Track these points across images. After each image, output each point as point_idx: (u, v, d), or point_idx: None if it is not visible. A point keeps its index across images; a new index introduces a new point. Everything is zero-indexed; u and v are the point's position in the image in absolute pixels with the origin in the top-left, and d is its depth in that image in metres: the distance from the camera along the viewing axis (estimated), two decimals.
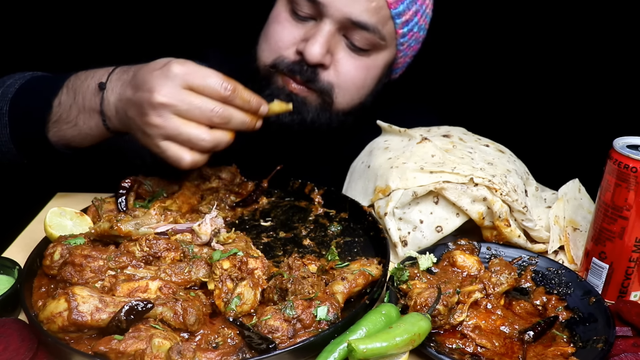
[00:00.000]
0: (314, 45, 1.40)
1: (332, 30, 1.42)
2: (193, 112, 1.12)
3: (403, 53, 1.59)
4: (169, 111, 1.12)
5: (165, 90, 1.11)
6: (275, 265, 1.14)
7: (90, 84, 1.29)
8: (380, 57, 1.52)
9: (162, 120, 1.12)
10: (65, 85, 1.34)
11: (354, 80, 1.50)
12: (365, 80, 1.53)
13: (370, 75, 1.53)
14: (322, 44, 1.40)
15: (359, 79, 1.50)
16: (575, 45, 2.49)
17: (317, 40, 1.40)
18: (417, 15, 1.52)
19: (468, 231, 1.32)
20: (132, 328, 0.92)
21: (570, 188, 1.42)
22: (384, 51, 1.51)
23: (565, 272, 1.18)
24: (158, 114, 1.12)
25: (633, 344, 1.02)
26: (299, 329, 0.97)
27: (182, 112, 1.12)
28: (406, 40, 1.54)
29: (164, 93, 1.11)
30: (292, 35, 1.46)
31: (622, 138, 1.15)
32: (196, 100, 1.13)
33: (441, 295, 1.02)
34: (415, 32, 1.56)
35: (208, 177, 1.46)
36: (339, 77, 1.48)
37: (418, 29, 1.56)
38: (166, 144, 1.15)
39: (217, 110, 1.14)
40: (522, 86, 2.61)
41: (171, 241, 1.13)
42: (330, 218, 1.43)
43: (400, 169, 1.34)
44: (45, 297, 1.06)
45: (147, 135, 1.16)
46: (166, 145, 1.15)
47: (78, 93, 1.31)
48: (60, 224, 1.22)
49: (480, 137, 1.50)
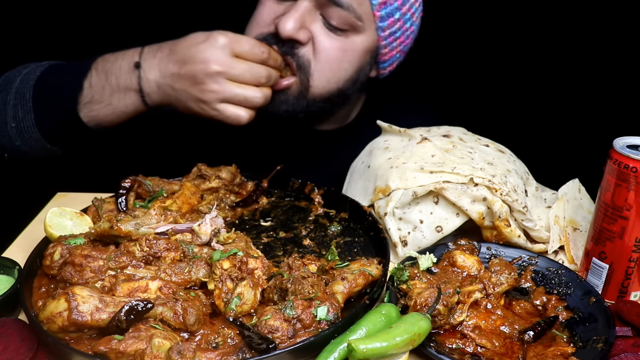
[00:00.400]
0: (288, 20, 1.44)
1: (308, 6, 1.45)
2: (244, 76, 1.34)
3: (387, 42, 1.58)
4: (223, 77, 1.32)
5: (218, 59, 1.31)
6: (275, 265, 1.14)
7: (122, 65, 1.40)
8: (359, 41, 1.52)
9: (218, 86, 1.32)
10: (94, 67, 1.42)
11: (330, 59, 1.50)
12: (341, 61, 1.52)
13: (348, 57, 1.53)
14: (296, 18, 1.44)
15: (335, 58, 1.51)
16: (575, 45, 2.49)
17: (291, 15, 1.44)
18: (398, 1, 1.52)
19: (468, 231, 1.32)
20: (132, 328, 0.92)
21: (570, 188, 1.42)
22: (362, 34, 1.51)
23: (565, 272, 1.18)
24: (215, 81, 1.32)
25: (633, 344, 1.02)
26: (299, 329, 0.97)
27: (235, 76, 1.33)
28: (386, 25, 1.54)
29: (218, 62, 1.31)
30: (272, 11, 1.51)
31: (622, 138, 1.15)
32: (245, 65, 1.34)
33: (441, 295, 1.02)
34: (397, 20, 1.55)
35: (208, 177, 1.46)
36: (315, 55, 1.49)
37: (402, 17, 1.55)
38: (224, 106, 1.35)
39: (262, 72, 1.37)
40: (522, 86, 2.61)
41: (171, 241, 1.13)
42: (330, 218, 1.43)
43: (400, 169, 1.34)
44: (45, 297, 1.06)
45: (203, 102, 1.35)
46: (224, 107, 1.35)
47: (110, 74, 1.40)
48: (60, 224, 1.22)
49: (480, 137, 1.50)
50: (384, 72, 1.71)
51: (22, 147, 1.48)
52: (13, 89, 1.46)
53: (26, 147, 1.48)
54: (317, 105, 1.56)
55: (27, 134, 1.45)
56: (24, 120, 1.44)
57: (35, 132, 1.45)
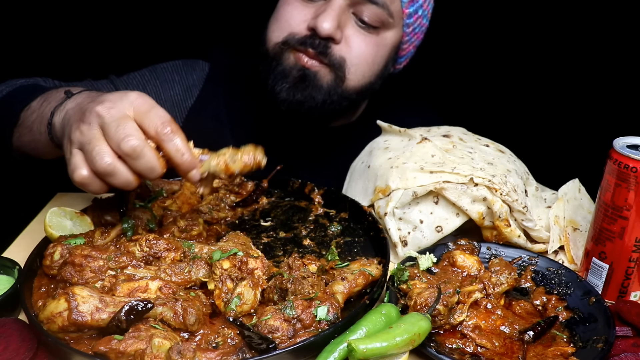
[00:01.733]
0: (326, 19, 1.44)
1: (342, 5, 1.46)
2: (109, 127, 0.99)
3: (408, 38, 1.62)
4: (97, 121, 1.01)
5: (109, 105, 1.02)
6: (275, 265, 1.14)
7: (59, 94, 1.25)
8: (389, 36, 1.55)
9: (87, 127, 1.02)
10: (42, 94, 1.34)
11: (365, 56, 1.52)
12: (375, 57, 1.55)
13: (380, 53, 1.56)
14: (334, 17, 1.44)
15: (369, 55, 1.53)
16: (575, 45, 2.49)
17: (329, 14, 1.44)
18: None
19: (468, 231, 1.32)
20: (132, 328, 0.92)
21: (570, 188, 1.42)
22: (391, 30, 1.55)
23: (565, 272, 1.18)
24: (88, 122, 1.02)
25: (633, 344, 1.02)
26: (299, 329, 0.97)
27: (105, 125, 1.00)
28: (412, 22, 1.58)
29: (107, 106, 1.01)
30: (302, 13, 1.50)
31: (622, 138, 1.15)
32: (127, 123, 1.00)
33: (441, 295, 1.02)
34: (419, 17, 1.59)
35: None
36: (350, 53, 1.50)
37: (422, 13, 1.60)
38: (76, 151, 1.03)
39: (133, 139, 0.98)
40: (522, 86, 2.62)
41: (171, 241, 1.13)
42: (330, 218, 1.43)
43: (400, 169, 1.34)
44: (45, 297, 1.06)
45: (69, 140, 1.05)
46: (75, 152, 1.03)
47: (46, 100, 1.30)
48: (60, 224, 1.22)
49: (480, 137, 1.50)
50: (399, 67, 1.74)
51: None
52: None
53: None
54: (350, 97, 1.58)
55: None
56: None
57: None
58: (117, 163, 1.00)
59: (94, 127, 1.01)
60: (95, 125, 1.01)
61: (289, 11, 1.52)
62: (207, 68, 1.77)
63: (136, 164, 1.00)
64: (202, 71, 1.77)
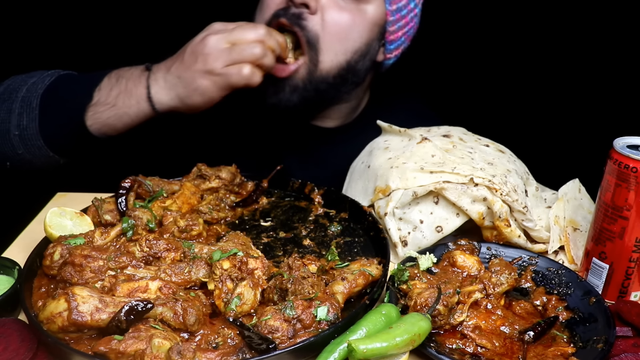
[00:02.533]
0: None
1: None
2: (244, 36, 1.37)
3: (394, 18, 1.60)
4: (224, 41, 1.35)
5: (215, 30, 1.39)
6: (275, 265, 1.14)
7: (134, 71, 1.45)
8: (369, 9, 1.54)
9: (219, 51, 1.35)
10: (107, 77, 1.46)
11: (339, 29, 1.52)
12: (350, 31, 1.53)
13: (357, 27, 1.54)
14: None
15: (344, 27, 1.52)
16: (575, 45, 2.49)
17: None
18: None
19: (468, 231, 1.32)
20: (132, 328, 0.92)
21: (570, 188, 1.42)
22: (371, 3, 1.54)
23: (565, 272, 1.18)
24: (215, 47, 1.34)
25: (633, 344, 1.02)
26: (299, 329, 0.97)
27: (235, 38, 1.36)
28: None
29: (215, 31, 1.37)
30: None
31: (622, 138, 1.15)
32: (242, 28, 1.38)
33: (441, 295, 1.02)
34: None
35: (208, 177, 1.46)
36: (324, 26, 1.50)
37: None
38: (230, 68, 1.36)
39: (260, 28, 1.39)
40: (522, 86, 2.61)
41: (171, 241, 1.13)
42: (330, 218, 1.43)
43: (400, 169, 1.34)
44: (45, 297, 1.06)
45: (209, 72, 1.35)
46: (231, 69, 1.36)
47: (121, 78, 1.44)
48: (60, 224, 1.22)
49: (480, 137, 1.50)
50: (390, 57, 1.71)
51: (25, 155, 1.50)
52: (19, 98, 1.48)
53: (29, 155, 1.50)
54: (327, 82, 1.57)
55: (31, 142, 1.47)
56: (27, 128, 1.46)
57: (39, 139, 1.46)
58: (262, 47, 1.37)
59: (224, 45, 1.35)
60: (223, 44, 1.35)
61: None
62: None
63: (270, 42, 1.39)
64: None
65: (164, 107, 1.44)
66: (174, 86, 1.40)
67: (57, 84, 1.50)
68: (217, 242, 1.21)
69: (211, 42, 1.35)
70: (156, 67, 1.44)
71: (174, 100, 1.42)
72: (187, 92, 1.40)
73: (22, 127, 1.45)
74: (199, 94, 1.39)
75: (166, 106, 1.43)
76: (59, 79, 1.52)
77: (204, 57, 1.35)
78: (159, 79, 1.42)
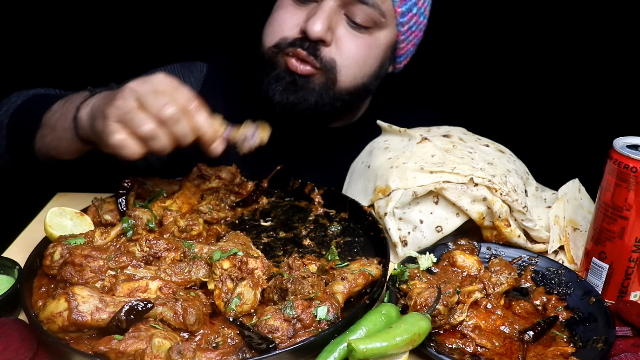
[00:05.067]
0: (317, 21, 1.43)
1: (333, 6, 1.46)
2: (147, 98, 1.10)
3: (405, 37, 1.61)
4: (133, 96, 1.11)
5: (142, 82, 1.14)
6: (275, 265, 1.14)
7: (84, 93, 1.33)
8: (382, 36, 1.54)
9: (123, 101, 1.11)
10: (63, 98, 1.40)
11: (356, 57, 1.52)
12: (367, 58, 1.54)
13: (372, 54, 1.55)
14: (324, 19, 1.44)
15: (360, 55, 1.52)
16: (575, 45, 2.49)
17: (319, 16, 1.44)
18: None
19: (468, 231, 1.32)
20: (132, 328, 0.92)
21: (570, 188, 1.42)
22: (384, 30, 1.54)
23: (565, 272, 1.18)
24: (123, 97, 1.11)
25: (633, 344, 1.02)
26: (299, 329, 0.97)
27: (141, 97, 1.11)
28: (406, 20, 1.56)
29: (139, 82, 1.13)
30: (295, 17, 1.50)
31: (622, 138, 1.15)
32: (163, 94, 1.11)
33: (441, 295, 1.02)
34: (414, 15, 1.58)
35: (208, 177, 1.46)
36: (341, 54, 1.50)
37: (417, 11, 1.58)
38: (116, 127, 1.11)
39: (172, 106, 1.10)
40: (522, 86, 2.61)
41: (171, 241, 1.13)
42: (330, 218, 1.43)
43: (400, 169, 1.34)
44: (45, 297, 1.06)
45: (105, 117, 1.12)
46: (115, 129, 1.11)
47: (69, 100, 1.36)
48: (60, 224, 1.22)
49: (480, 137, 1.50)
50: (399, 67, 1.72)
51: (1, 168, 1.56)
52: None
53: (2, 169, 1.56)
54: (343, 98, 1.57)
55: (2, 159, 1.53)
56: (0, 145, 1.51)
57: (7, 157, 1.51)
58: (157, 128, 1.11)
59: (130, 100, 1.11)
60: (131, 99, 1.11)
61: (282, 15, 1.53)
62: (204, 69, 1.77)
63: (175, 128, 1.12)
64: (200, 72, 1.77)
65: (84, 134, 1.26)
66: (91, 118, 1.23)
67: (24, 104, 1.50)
68: (217, 242, 1.21)
69: (126, 92, 1.13)
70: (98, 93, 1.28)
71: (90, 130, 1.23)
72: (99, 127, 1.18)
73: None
74: (100, 133, 1.18)
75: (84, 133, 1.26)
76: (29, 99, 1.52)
77: (114, 100, 1.14)
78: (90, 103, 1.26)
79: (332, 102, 1.55)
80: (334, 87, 1.53)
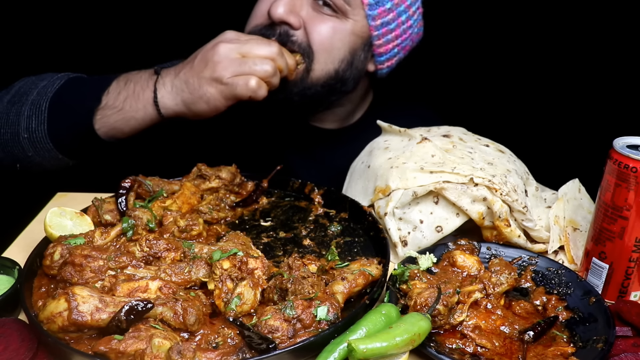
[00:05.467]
0: (278, 4, 1.49)
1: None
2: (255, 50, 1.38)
3: (379, 32, 1.60)
4: (235, 52, 1.37)
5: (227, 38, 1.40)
6: (275, 265, 1.14)
7: (142, 74, 1.47)
8: (349, 23, 1.56)
9: (229, 60, 1.36)
10: (115, 80, 1.47)
11: (323, 38, 1.54)
12: (333, 39, 1.55)
13: (338, 36, 1.56)
14: (286, 2, 1.49)
15: (327, 36, 1.54)
16: (576, 45, 2.49)
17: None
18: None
19: (468, 231, 1.32)
20: (132, 328, 0.92)
21: (570, 188, 1.42)
22: (351, 18, 1.55)
23: (565, 272, 1.18)
24: (225, 56, 1.36)
25: (633, 344, 1.02)
26: (299, 329, 0.97)
27: (246, 51, 1.38)
28: (377, 14, 1.57)
29: (227, 40, 1.39)
30: (264, 4, 1.55)
31: (622, 138, 1.15)
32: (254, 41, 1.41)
33: (441, 295, 1.02)
34: (389, 11, 1.58)
35: (208, 177, 1.46)
36: (312, 36, 1.53)
37: (394, 7, 1.58)
38: (237, 79, 1.36)
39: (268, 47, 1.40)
40: (522, 86, 2.61)
41: (171, 241, 1.13)
42: (330, 218, 1.43)
43: (400, 169, 1.34)
44: (45, 297, 1.06)
45: (216, 80, 1.36)
46: (237, 80, 1.36)
47: (130, 82, 1.45)
48: (60, 224, 1.22)
49: (480, 137, 1.50)
50: (383, 67, 1.71)
51: (35, 158, 1.51)
52: (29, 101, 1.49)
53: (39, 158, 1.51)
54: (314, 89, 1.58)
55: (40, 145, 1.48)
56: (36, 130, 1.47)
57: (48, 142, 1.48)
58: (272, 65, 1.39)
59: (233, 54, 1.37)
60: (233, 54, 1.37)
61: (258, 4, 1.59)
62: None
63: (280, 62, 1.42)
64: None
65: (170, 112, 1.44)
66: (181, 91, 1.41)
67: (67, 87, 1.50)
68: (217, 242, 1.21)
69: (222, 51, 1.36)
70: (165, 71, 1.45)
71: (179, 105, 1.42)
72: (192, 99, 1.40)
73: (31, 129, 1.47)
74: (204, 101, 1.39)
75: (172, 111, 1.44)
76: (69, 82, 1.52)
77: (213, 64, 1.36)
78: (166, 83, 1.42)
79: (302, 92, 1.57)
80: (307, 77, 1.55)
